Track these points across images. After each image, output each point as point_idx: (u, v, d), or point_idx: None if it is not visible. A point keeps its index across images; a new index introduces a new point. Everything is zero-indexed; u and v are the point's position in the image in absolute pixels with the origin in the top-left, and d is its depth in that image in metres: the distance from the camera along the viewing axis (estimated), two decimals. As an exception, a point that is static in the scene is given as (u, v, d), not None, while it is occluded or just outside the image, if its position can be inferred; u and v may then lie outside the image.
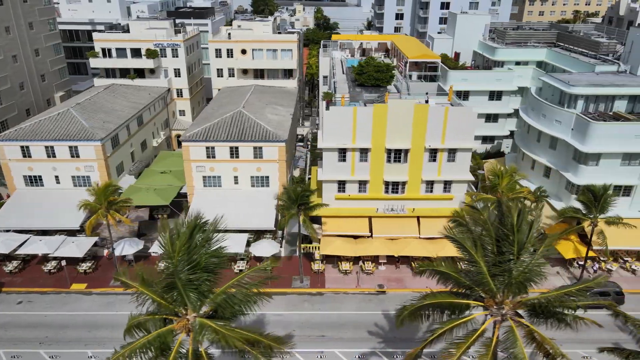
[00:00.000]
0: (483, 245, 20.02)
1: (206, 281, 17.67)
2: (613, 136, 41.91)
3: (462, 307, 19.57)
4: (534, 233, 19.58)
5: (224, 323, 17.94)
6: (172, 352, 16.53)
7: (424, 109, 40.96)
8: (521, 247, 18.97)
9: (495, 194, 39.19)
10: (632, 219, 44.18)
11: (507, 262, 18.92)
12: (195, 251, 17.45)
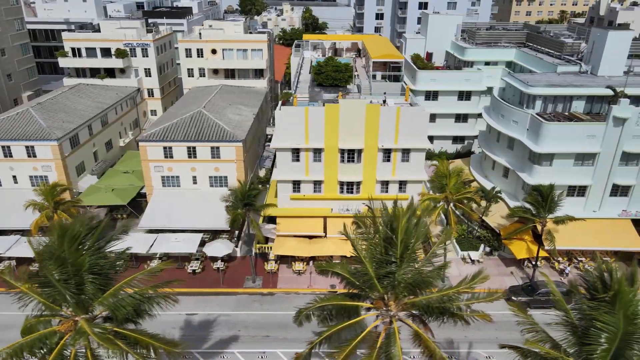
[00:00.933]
0: (373, 247, 19.99)
1: (92, 283, 17.55)
2: (565, 137, 41.93)
3: (353, 308, 19.51)
4: (420, 236, 19.47)
5: (112, 325, 17.85)
6: (52, 353, 16.46)
7: (375, 109, 40.94)
8: (405, 250, 18.90)
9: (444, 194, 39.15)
10: (587, 219, 44.51)
11: (391, 265, 18.90)
12: (81, 252, 17.33)
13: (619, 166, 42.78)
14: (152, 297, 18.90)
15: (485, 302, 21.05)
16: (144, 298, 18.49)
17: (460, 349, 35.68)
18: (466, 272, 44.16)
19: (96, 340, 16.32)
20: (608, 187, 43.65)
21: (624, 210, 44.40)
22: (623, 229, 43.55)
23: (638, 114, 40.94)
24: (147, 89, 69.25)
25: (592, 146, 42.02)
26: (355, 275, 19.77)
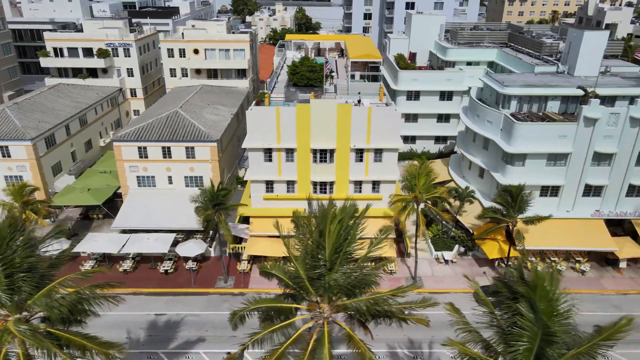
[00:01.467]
0: (305, 248, 19.98)
1: (25, 282, 17.50)
2: (537, 137, 41.95)
3: (288, 310, 19.50)
4: (353, 240, 19.38)
5: (46, 326, 17.82)
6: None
7: (347, 109, 40.91)
8: (335, 254, 18.85)
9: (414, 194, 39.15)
10: (560, 219, 44.56)
11: (321, 267, 18.88)
12: (12, 250, 17.29)
13: (591, 166, 42.82)
14: (89, 297, 18.82)
15: (418, 307, 20.98)
16: (81, 298, 18.43)
17: (425, 349, 35.59)
18: (439, 272, 44.54)
19: (19, 338, 16.29)
20: (581, 187, 43.69)
21: (597, 211, 44.44)
22: (596, 229, 43.59)
23: (608, 114, 40.99)
24: (129, 88, 69.20)
25: (564, 146, 42.06)
26: (290, 277, 19.75)
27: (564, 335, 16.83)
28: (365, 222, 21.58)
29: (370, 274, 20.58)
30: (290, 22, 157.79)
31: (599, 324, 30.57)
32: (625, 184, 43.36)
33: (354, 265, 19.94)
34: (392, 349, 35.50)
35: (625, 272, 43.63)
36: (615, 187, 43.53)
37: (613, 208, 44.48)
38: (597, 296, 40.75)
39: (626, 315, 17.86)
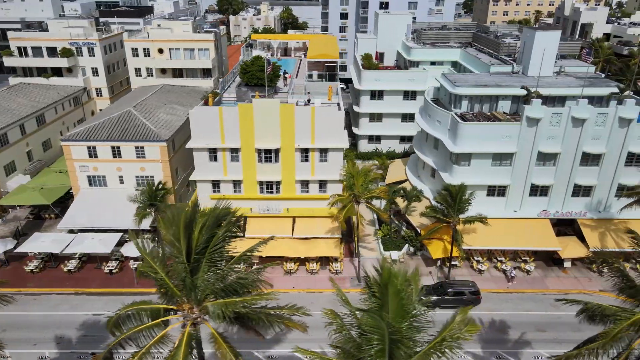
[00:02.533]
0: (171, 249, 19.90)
1: None
2: (481, 136, 41.97)
3: (158, 311, 19.43)
4: (215, 242, 19.26)
5: None
6: None
7: (289, 109, 40.91)
8: (192, 252, 18.79)
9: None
10: (507, 219, 44.62)
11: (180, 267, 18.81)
12: None
13: (536, 166, 42.87)
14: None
15: (286, 312, 20.91)
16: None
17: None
18: (385, 272, 44.53)
19: None
20: (527, 187, 43.74)
21: (544, 210, 44.50)
22: (541, 229, 43.65)
23: (551, 114, 41.04)
24: (95, 88, 69.06)
25: (509, 146, 42.08)
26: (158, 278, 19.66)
27: (415, 334, 16.85)
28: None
29: (247, 277, 20.44)
30: (275, 22, 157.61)
31: (536, 323, 30.73)
32: (570, 184, 43.42)
33: (227, 267, 19.79)
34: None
35: (570, 271, 43.72)
36: (561, 187, 43.59)
37: (560, 208, 44.55)
38: (538, 295, 40.82)
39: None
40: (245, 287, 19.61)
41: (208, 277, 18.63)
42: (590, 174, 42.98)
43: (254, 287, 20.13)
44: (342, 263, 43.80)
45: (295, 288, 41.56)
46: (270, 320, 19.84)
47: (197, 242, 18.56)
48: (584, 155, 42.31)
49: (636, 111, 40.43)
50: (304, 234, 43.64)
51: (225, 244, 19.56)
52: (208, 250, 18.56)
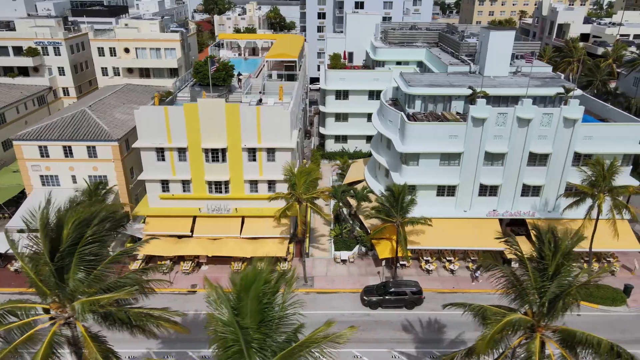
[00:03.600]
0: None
1: None
2: (428, 136, 41.97)
3: (27, 310, 19.32)
4: (84, 241, 19.16)
5: None
6: None
7: (234, 109, 40.87)
8: (57, 251, 18.73)
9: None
10: (457, 218, 44.64)
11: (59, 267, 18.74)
12: None
13: (484, 166, 42.88)
14: None
15: (164, 313, 20.83)
16: None
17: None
18: (334, 273, 44.52)
19: None
20: (476, 187, 43.75)
21: (494, 210, 44.53)
22: (490, 229, 43.56)
23: (496, 114, 41.05)
24: (62, 87, 68.93)
25: (456, 146, 42.06)
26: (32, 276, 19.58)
27: (278, 336, 16.86)
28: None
29: (128, 277, 20.37)
30: (260, 22, 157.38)
31: (476, 323, 30.71)
32: (519, 184, 43.45)
33: (102, 267, 19.65)
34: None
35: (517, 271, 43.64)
36: (510, 187, 43.62)
37: (510, 208, 44.59)
38: (483, 295, 40.78)
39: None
40: (126, 287, 19.48)
41: (80, 277, 18.53)
42: (538, 174, 43.02)
43: (133, 287, 19.95)
44: (290, 263, 43.76)
45: (241, 288, 41.41)
46: (143, 320, 19.72)
47: (66, 240, 18.48)
48: (531, 155, 42.34)
49: (580, 111, 40.46)
50: (253, 234, 43.63)
51: (102, 243, 19.45)
52: (77, 249, 18.47)
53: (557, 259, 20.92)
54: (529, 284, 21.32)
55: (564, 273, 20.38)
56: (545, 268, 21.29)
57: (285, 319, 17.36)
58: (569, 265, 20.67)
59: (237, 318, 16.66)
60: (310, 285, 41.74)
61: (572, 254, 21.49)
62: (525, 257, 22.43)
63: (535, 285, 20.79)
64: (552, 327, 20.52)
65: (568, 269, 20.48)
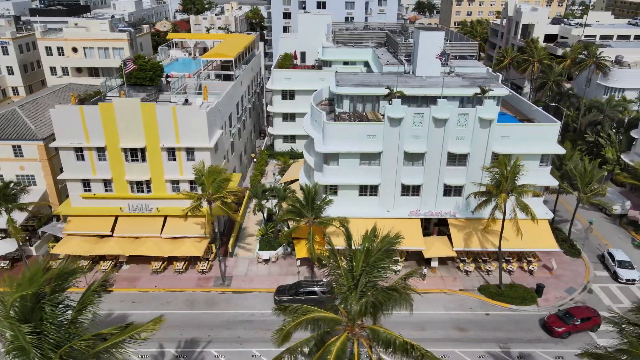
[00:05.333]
0: None
1: None
2: (347, 136, 41.98)
3: None
4: None
5: None
6: None
7: (150, 109, 40.88)
8: None
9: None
10: (380, 218, 44.53)
11: None
12: None
13: (405, 166, 42.93)
14: None
15: None
16: None
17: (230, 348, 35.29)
18: (254, 272, 44.52)
19: None
20: (397, 187, 43.82)
21: (417, 210, 44.60)
22: (411, 229, 43.67)
23: (413, 114, 41.12)
24: (11, 87, 68.80)
25: (374, 146, 42.04)
26: None
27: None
28: None
29: None
30: (238, 22, 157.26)
31: (385, 323, 30.77)
32: (440, 184, 43.53)
33: None
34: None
35: (439, 271, 43.85)
36: (432, 187, 43.67)
37: (433, 208, 44.64)
38: (398, 295, 40.82)
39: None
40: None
41: None
42: (458, 174, 43.10)
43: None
44: (210, 263, 43.74)
45: (158, 287, 41.50)
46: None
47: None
48: (450, 156, 42.42)
49: (495, 112, 40.59)
50: (173, 234, 43.61)
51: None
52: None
53: (359, 260, 20.75)
54: (343, 283, 21.29)
55: (372, 273, 20.35)
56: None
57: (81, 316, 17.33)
58: (378, 265, 20.63)
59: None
60: (228, 285, 41.73)
61: (391, 254, 21.51)
62: (339, 257, 22.06)
63: (347, 285, 20.76)
64: (367, 326, 20.47)
65: (374, 269, 20.45)
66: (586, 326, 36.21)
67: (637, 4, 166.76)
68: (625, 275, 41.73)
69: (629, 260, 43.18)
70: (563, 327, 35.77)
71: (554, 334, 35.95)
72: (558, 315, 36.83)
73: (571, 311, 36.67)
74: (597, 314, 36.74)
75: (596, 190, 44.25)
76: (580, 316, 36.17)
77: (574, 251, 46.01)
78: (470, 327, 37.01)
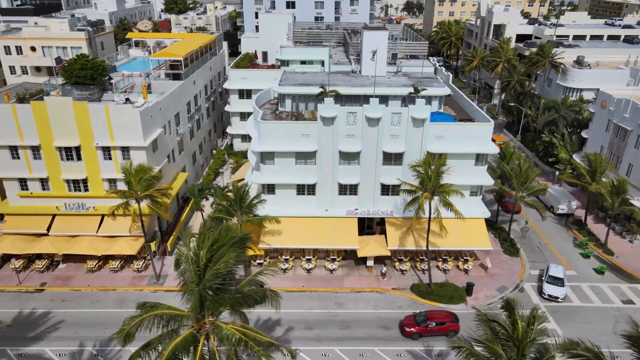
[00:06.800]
0: None
1: None
2: (281, 135, 41.98)
3: None
4: None
5: None
6: None
7: (82, 108, 40.88)
8: None
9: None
10: (319, 217, 44.68)
11: None
12: None
13: (341, 165, 42.97)
14: None
15: None
16: None
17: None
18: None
19: None
20: (335, 187, 43.86)
21: (355, 209, 44.62)
22: (348, 228, 43.77)
23: (346, 114, 41.16)
24: (-31, 86, 68.72)
25: (309, 145, 42.05)
26: None
27: None
28: None
29: None
30: (220, 22, 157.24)
31: (308, 321, 30.70)
32: (377, 183, 43.58)
33: None
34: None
35: (375, 270, 43.90)
36: (369, 186, 43.72)
37: (371, 207, 44.68)
38: (330, 294, 40.94)
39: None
40: None
41: None
42: (395, 173, 43.13)
43: None
44: (146, 261, 43.74)
45: (90, 286, 41.51)
46: None
47: None
48: (386, 155, 42.49)
49: (427, 111, 40.65)
50: (110, 232, 43.60)
51: None
52: None
53: (203, 257, 20.71)
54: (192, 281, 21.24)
55: (212, 268, 20.32)
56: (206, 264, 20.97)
57: None
58: (221, 262, 20.59)
59: None
60: (162, 284, 41.75)
61: (241, 252, 21.49)
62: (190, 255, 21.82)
63: (194, 281, 20.72)
64: (218, 323, 20.45)
65: (217, 265, 20.42)
66: (439, 331, 35.84)
67: (619, 4, 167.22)
68: (548, 291, 39.83)
69: (562, 278, 40.74)
70: (414, 328, 35.72)
71: (405, 334, 35.92)
72: (414, 316, 36.75)
73: (429, 314, 36.49)
74: (454, 319, 36.21)
75: (533, 190, 44.38)
76: (434, 320, 35.93)
77: (513, 250, 46.10)
78: (395, 326, 37.06)
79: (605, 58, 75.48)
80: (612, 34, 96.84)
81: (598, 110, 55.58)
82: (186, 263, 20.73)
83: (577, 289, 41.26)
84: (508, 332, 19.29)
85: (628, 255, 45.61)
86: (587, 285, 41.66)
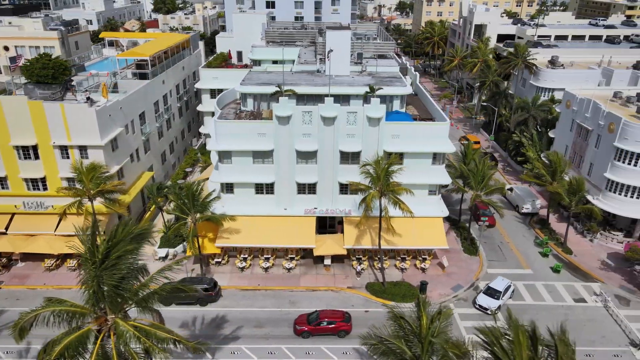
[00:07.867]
0: None
1: None
2: (238, 134, 42.09)
3: None
4: None
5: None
6: None
7: (38, 107, 41.02)
8: None
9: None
10: (277, 216, 44.75)
11: None
12: None
13: (298, 164, 43.11)
14: None
15: None
16: None
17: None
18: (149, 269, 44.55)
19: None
20: (293, 186, 43.97)
21: (315, 208, 44.74)
22: (306, 227, 43.88)
23: (302, 113, 41.29)
24: (-57, 85, 68.68)
25: (265, 144, 42.18)
26: None
27: None
28: None
29: None
30: (208, 22, 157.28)
31: (259, 319, 30.58)
32: (335, 182, 43.71)
33: None
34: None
35: (333, 269, 44.01)
36: (327, 185, 43.86)
37: (330, 206, 44.81)
38: (285, 292, 41.03)
39: None
40: None
41: None
42: (352, 172, 43.18)
43: None
44: (104, 260, 43.76)
45: (47, 285, 41.59)
46: None
47: None
48: (343, 154, 42.63)
49: (381, 110, 40.79)
50: (69, 231, 43.59)
51: None
52: None
53: (101, 251, 20.67)
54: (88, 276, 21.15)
55: (105, 264, 20.25)
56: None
57: None
58: (123, 256, 20.62)
59: None
60: (117, 283, 41.73)
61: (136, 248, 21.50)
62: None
63: (92, 276, 20.63)
64: (118, 320, 20.50)
65: (117, 262, 20.46)
66: (330, 330, 35.84)
67: (606, 4, 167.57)
68: (479, 301, 38.91)
69: (499, 291, 39.38)
70: (305, 327, 35.84)
71: (296, 332, 36.08)
72: (308, 315, 36.84)
73: (321, 313, 36.53)
74: (346, 319, 36.25)
75: (490, 188, 44.55)
76: (325, 319, 35.98)
77: (472, 249, 46.26)
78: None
79: (583, 58, 75.63)
80: (594, 34, 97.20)
81: (564, 110, 55.83)
82: (83, 259, 20.79)
83: (531, 288, 41.42)
84: (412, 329, 19.45)
85: (586, 254, 45.80)
86: (541, 284, 41.81)
